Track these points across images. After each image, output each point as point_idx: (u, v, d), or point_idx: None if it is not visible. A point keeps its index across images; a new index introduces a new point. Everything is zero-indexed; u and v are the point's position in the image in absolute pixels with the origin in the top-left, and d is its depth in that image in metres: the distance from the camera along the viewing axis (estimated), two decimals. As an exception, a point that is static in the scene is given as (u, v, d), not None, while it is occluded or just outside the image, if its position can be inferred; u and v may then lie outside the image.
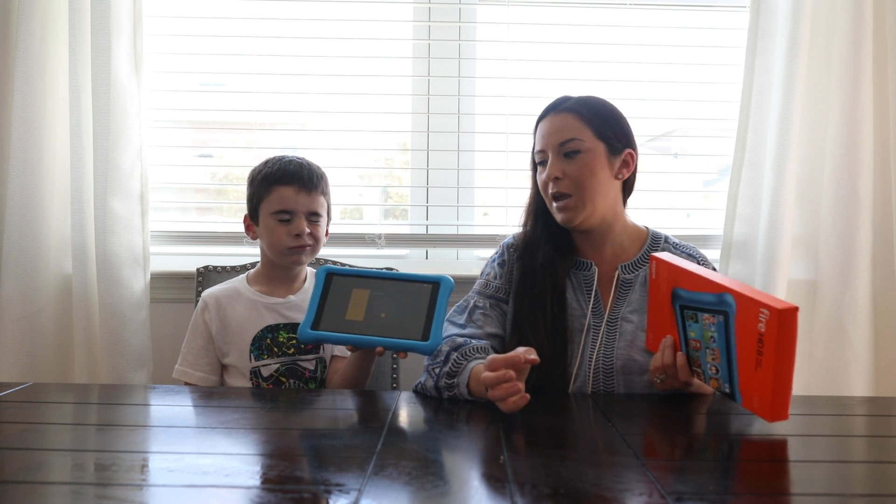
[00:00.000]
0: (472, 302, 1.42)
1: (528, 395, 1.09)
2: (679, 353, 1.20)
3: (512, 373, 1.09)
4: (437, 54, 2.03)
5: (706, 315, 1.14)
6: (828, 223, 1.83)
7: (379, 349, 1.31)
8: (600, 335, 1.36)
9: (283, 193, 1.51)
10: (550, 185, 1.38)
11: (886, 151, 1.83)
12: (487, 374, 1.11)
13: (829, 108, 1.82)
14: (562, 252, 1.41)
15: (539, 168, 1.42)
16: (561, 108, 1.39)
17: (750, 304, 1.05)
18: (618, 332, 1.36)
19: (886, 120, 1.82)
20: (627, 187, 1.43)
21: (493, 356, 1.14)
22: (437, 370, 1.27)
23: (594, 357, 1.35)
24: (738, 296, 1.07)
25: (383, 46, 2.03)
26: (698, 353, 1.17)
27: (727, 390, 1.13)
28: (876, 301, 1.84)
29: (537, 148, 1.41)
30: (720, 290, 1.10)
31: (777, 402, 1.03)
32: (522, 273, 1.41)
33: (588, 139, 1.35)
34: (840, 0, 1.80)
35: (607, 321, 1.37)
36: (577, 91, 1.44)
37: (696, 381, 1.22)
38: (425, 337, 1.27)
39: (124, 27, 1.78)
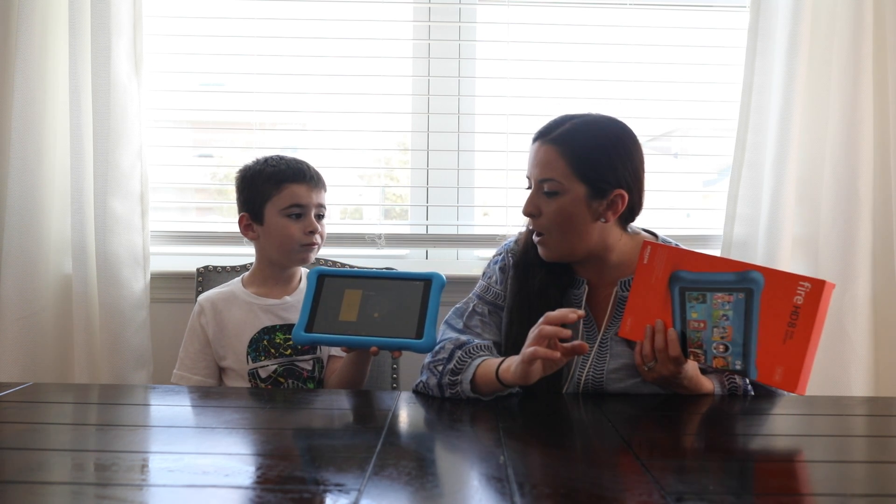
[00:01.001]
0: (471, 306, 1.40)
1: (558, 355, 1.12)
2: (670, 330, 1.20)
3: (568, 332, 1.12)
4: (437, 54, 2.03)
5: (719, 294, 1.16)
6: (828, 223, 1.82)
7: (373, 349, 1.31)
8: (591, 356, 1.34)
9: (296, 190, 1.52)
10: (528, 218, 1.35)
11: (886, 151, 1.83)
12: (545, 326, 1.13)
13: (829, 108, 1.82)
14: (556, 273, 1.37)
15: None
16: (548, 138, 1.31)
17: (785, 279, 1.10)
18: (608, 353, 1.33)
19: (886, 120, 1.82)
20: (628, 213, 1.35)
21: (548, 314, 1.14)
22: (440, 367, 1.26)
23: (583, 378, 1.33)
24: (769, 272, 1.12)
25: (383, 46, 2.02)
26: (700, 333, 1.18)
27: (738, 367, 1.14)
28: (876, 301, 1.84)
29: (525, 171, 1.37)
30: (744, 268, 1.14)
31: (805, 373, 1.08)
32: (518, 296, 1.37)
33: (567, 181, 1.28)
34: (840, 0, 1.80)
35: (600, 342, 1.35)
36: (583, 93, 1.40)
37: (688, 366, 1.22)
38: (419, 335, 1.27)
39: (124, 27, 1.78)
